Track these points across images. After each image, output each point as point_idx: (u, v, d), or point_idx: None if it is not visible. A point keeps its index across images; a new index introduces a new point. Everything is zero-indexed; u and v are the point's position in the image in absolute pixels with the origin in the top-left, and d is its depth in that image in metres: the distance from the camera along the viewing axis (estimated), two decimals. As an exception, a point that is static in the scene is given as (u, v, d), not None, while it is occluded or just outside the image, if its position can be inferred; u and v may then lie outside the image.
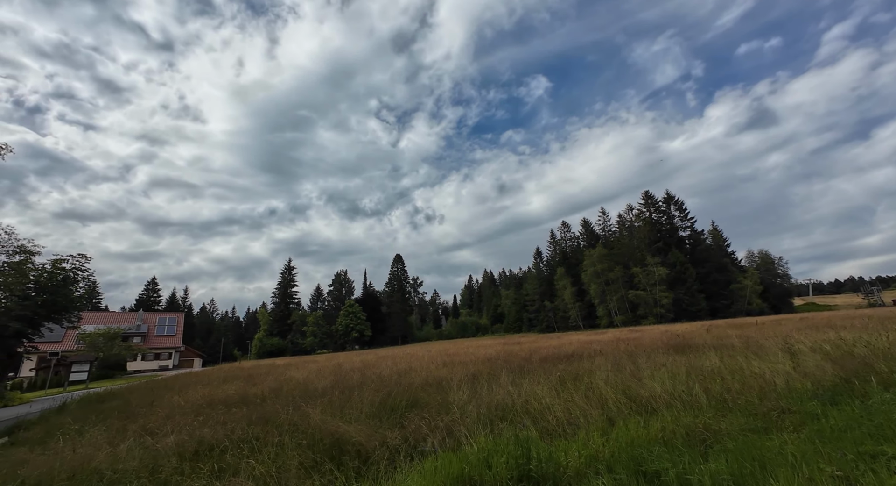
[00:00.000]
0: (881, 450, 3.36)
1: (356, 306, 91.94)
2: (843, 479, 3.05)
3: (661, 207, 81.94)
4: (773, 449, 3.66)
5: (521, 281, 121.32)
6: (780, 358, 8.93)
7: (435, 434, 4.72)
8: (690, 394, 6.18)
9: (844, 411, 4.49)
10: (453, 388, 7.89)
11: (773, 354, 9.61)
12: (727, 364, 8.38)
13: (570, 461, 3.53)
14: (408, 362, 15.56)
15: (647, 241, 77.33)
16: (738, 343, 13.74)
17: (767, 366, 7.75)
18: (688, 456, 3.38)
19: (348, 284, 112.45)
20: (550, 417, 5.31)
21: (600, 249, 79.78)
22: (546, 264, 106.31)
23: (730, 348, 12.38)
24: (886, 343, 9.02)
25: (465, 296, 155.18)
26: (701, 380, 6.97)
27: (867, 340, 10.35)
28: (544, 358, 13.14)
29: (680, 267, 72.58)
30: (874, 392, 5.22)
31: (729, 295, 72.98)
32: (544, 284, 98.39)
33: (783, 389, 6.05)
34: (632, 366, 9.00)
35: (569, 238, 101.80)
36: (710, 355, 10.92)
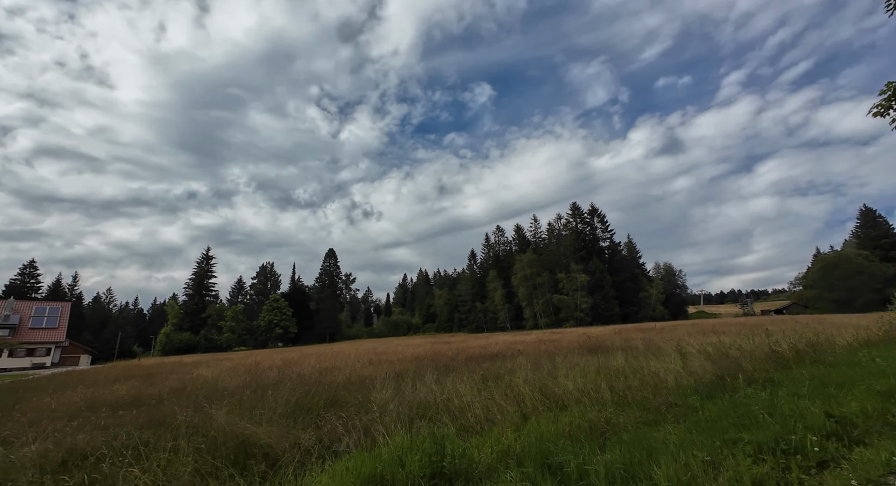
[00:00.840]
0: (741, 437, 3.91)
1: (282, 300, 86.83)
2: (711, 463, 3.49)
3: (586, 218, 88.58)
4: (660, 439, 4.09)
5: (454, 282, 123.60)
6: (673, 359, 10.04)
7: (351, 434, 4.57)
8: (598, 391, 6.70)
9: (717, 404, 5.17)
10: (377, 387, 7.76)
11: (668, 355, 10.79)
12: (630, 364, 9.22)
13: (482, 457, 3.62)
14: (333, 360, 15.02)
15: (572, 249, 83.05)
16: (641, 345, 15.27)
17: (662, 365, 8.65)
18: (588, 448, 3.65)
19: (274, 277, 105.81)
20: (470, 414, 5.43)
21: (530, 254, 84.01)
22: (479, 267, 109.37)
23: (634, 350, 13.70)
24: (752, 346, 10.59)
25: (398, 294, 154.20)
26: (608, 378, 7.59)
27: (739, 343, 12.00)
28: (470, 357, 13.48)
29: (599, 275, 79.01)
30: (740, 388, 6.09)
31: (638, 302, 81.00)
32: (477, 285, 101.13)
33: (673, 385, 6.81)
34: (549, 365, 9.55)
35: (502, 242, 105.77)
36: (618, 355, 11.96)
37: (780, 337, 14.16)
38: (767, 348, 10.25)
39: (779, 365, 8.03)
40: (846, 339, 13.03)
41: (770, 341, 11.99)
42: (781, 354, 9.50)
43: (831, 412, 4.43)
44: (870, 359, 7.78)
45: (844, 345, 11.93)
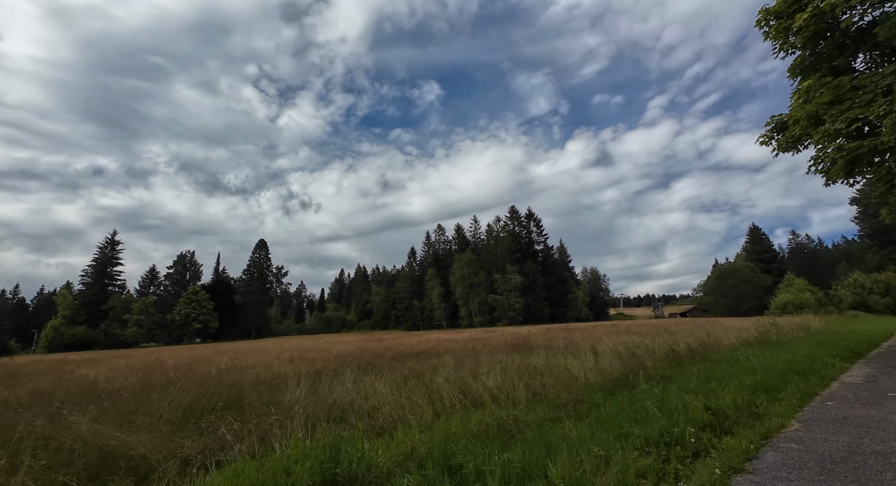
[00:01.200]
0: (632, 431, 4.16)
1: (202, 293, 79.64)
2: (604, 457, 3.65)
3: (524, 222, 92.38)
4: (562, 436, 4.22)
5: (393, 279, 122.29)
6: (587, 357, 10.68)
7: (246, 440, 4.16)
8: (514, 389, 6.85)
9: (617, 400, 5.50)
10: (291, 386, 7.27)
11: (583, 353, 11.46)
12: (549, 362, 9.61)
13: (383, 461, 3.46)
14: (250, 358, 13.96)
15: (508, 251, 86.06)
16: (562, 344, 16.13)
17: (577, 363, 9.11)
18: (490, 448, 3.65)
19: (195, 267, 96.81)
20: (382, 414, 5.24)
21: (469, 254, 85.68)
22: (419, 265, 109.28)
23: (555, 349, 14.41)
24: (656, 345, 11.62)
25: (334, 290, 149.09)
26: (526, 376, 7.82)
27: (646, 343, 13.10)
28: (398, 355, 13.28)
29: (532, 277, 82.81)
30: (640, 384, 6.59)
31: (566, 303, 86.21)
32: (415, 283, 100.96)
33: (583, 383, 7.18)
34: (473, 364, 9.65)
35: (442, 241, 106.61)
36: (540, 354, 12.46)
37: (680, 337, 15.72)
38: (668, 348, 11.28)
39: (675, 363, 8.84)
40: (730, 339, 14.78)
41: (671, 341, 13.24)
42: (678, 352, 10.50)
43: (709, 406, 4.91)
44: (745, 357, 8.87)
45: (729, 345, 13.54)
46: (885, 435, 3.84)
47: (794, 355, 8.51)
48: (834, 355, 8.56)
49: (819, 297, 40.96)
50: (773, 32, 10.40)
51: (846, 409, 4.69)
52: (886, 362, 7.98)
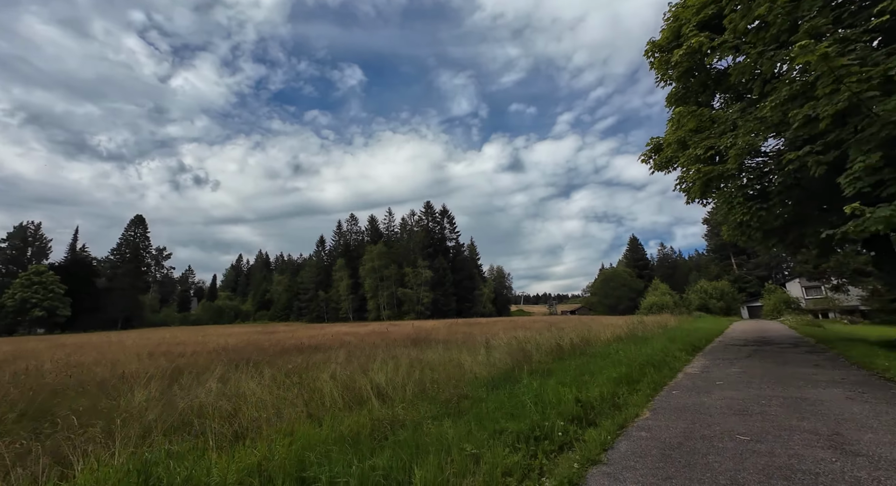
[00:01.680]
0: (507, 427, 4.16)
1: (49, 273, 65.56)
2: (475, 456, 3.55)
3: (438, 218, 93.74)
4: (438, 435, 4.04)
5: (299, 268, 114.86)
6: (482, 352, 10.97)
7: (32, 465, 3.19)
8: (404, 385, 6.60)
9: (499, 395, 5.57)
10: (138, 387, 6.05)
11: (479, 348, 11.77)
12: (445, 357, 9.58)
13: (218, 479, 2.87)
14: (98, 353, 11.60)
15: (421, 245, 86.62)
16: (461, 339, 16.49)
17: (471, 358, 9.23)
18: (355, 454, 3.30)
19: (41, 242, 79.47)
20: (242, 419, 4.55)
21: (381, 246, 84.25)
22: (328, 254, 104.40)
23: (454, 343, 14.64)
24: (544, 340, 12.45)
25: (229, 277, 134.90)
26: (418, 371, 7.64)
27: (536, 338, 13.95)
28: (288, 349, 12.23)
29: (442, 272, 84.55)
30: (523, 378, 6.83)
31: (472, 299, 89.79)
32: (322, 273, 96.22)
33: (471, 377, 7.23)
34: (364, 358, 9.21)
35: (354, 232, 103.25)
36: (438, 348, 12.48)
37: (566, 333, 17.13)
38: (554, 343, 12.14)
39: (558, 357, 9.46)
40: (606, 335, 16.51)
41: (558, 336, 14.31)
42: (563, 347, 11.34)
43: (580, 398, 5.20)
44: (616, 351, 9.89)
45: (605, 340, 15.12)
46: (711, 420, 4.40)
47: (653, 350, 9.71)
48: (681, 350, 9.97)
49: (676, 300, 48.77)
50: (656, 64, 11.75)
51: (686, 397, 5.33)
52: (716, 355, 9.50)
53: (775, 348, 10.51)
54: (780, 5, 6.71)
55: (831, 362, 7.49)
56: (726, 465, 3.18)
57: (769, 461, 3.20)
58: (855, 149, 5.76)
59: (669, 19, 11.18)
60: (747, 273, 65.77)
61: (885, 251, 10.31)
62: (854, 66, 5.47)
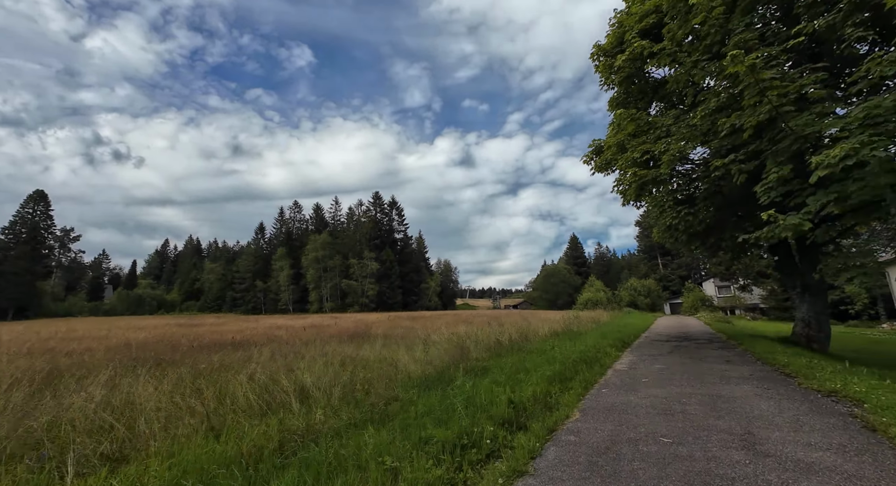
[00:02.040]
0: (433, 435, 3.85)
1: (-83, 254, 55.26)
2: (393, 471, 3.19)
3: (386, 209, 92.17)
4: (357, 446, 3.64)
5: (235, 256, 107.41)
6: (420, 348, 10.68)
7: None
8: (331, 387, 6.09)
9: (431, 397, 5.27)
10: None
11: (418, 344, 11.46)
12: (381, 354, 9.13)
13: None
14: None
15: (368, 236, 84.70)
16: (402, 333, 16.11)
17: (408, 355, 8.88)
18: (246, 479, 2.81)
19: None
20: (111, 435, 3.80)
21: (326, 236, 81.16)
22: (268, 242, 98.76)
23: (394, 338, 14.22)
24: (484, 335, 12.43)
25: (152, 263, 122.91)
26: (350, 371, 7.15)
27: (477, 333, 13.91)
28: (206, 345, 11.06)
29: (389, 264, 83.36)
30: (458, 377, 6.60)
31: (419, 292, 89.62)
32: (261, 262, 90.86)
33: (405, 377, 6.88)
34: (293, 356, 8.52)
35: (298, 220, 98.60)
36: (376, 344, 11.99)
37: (507, 328, 17.35)
38: (494, 339, 12.16)
39: (496, 354, 9.41)
40: (545, 330, 16.96)
41: (499, 331, 14.41)
42: (502, 343, 11.37)
43: (513, 399, 5.04)
44: (551, 347, 10.06)
45: (543, 335, 15.50)
46: (637, 421, 4.42)
47: (586, 346, 10.00)
48: (612, 346, 10.37)
49: (609, 296, 52.08)
50: (601, 67, 12.05)
51: (614, 396, 5.39)
52: (643, 351, 9.99)
53: (693, 344, 11.30)
54: (714, 16, 7.02)
55: (740, 357, 8.11)
56: (650, 472, 3.12)
57: (689, 467, 3.19)
58: (771, 160, 6.18)
59: (614, 25, 11.47)
60: (671, 273, 72.07)
61: (786, 256, 11.46)
62: (776, 80, 5.84)
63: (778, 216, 5.58)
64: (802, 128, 6.18)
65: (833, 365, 6.21)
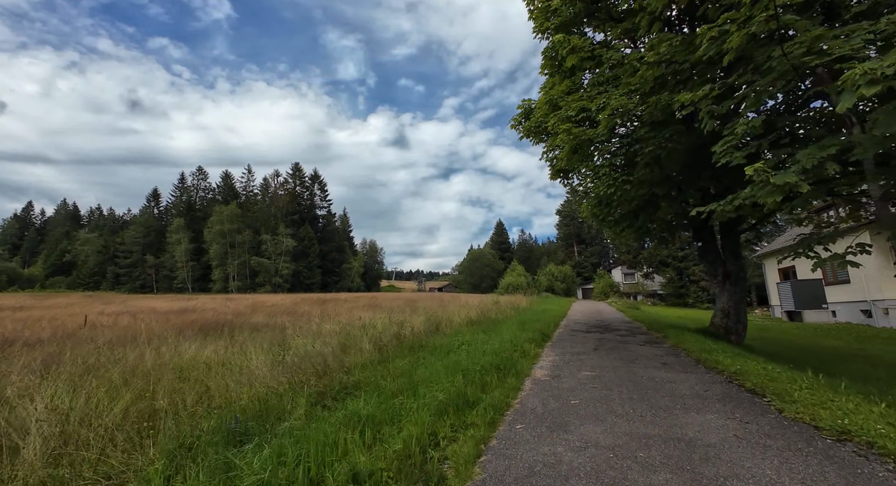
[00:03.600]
0: None
1: None
2: None
3: (307, 183, 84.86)
4: None
5: (124, 225, 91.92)
6: (278, 349, 8.12)
7: None
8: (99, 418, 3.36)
9: (214, 464, 2.79)
10: None
11: (292, 340, 8.81)
12: (208, 358, 6.33)
13: None
14: None
15: (284, 211, 77.35)
16: (293, 320, 13.22)
17: (260, 359, 6.25)
18: None
19: None
20: None
21: (234, 207, 72.32)
22: (163, 212, 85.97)
23: (272, 329, 11.33)
24: (384, 325, 10.14)
25: (9, 230, 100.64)
26: (150, 388, 4.41)
27: (379, 323, 11.56)
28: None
29: (308, 242, 77.20)
30: (298, 408, 4.19)
31: (340, 273, 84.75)
32: (153, 234, 78.82)
33: (220, 404, 4.30)
34: (79, 364, 5.42)
35: (202, 188, 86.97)
36: (236, 338, 9.10)
37: (420, 314, 15.32)
38: (395, 330, 9.94)
39: (385, 356, 7.14)
40: (461, 317, 15.19)
41: (408, 319, 12.26)
42: (402, 337, 9.19)
43: (359, 471, 2.78)
44: (460, 344, 8.08)
45: (457, 324, 13.66)
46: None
47: (502, 341, 8.21)
48: (531, 341, 8.74)
49: (529, 281, 53.19)
50: (535, 13, 10.08)
51: (534, 443, 3.40)
52: (565, 347, 8.47)
53: (616, 337, 10.18)
54: None
55: (676, 358, 6.83)
56: None
57: None
58: (752, 98, 4.59)
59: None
60: (584, 260, 76.55)
61: (709, 242, 10.76)
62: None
63: (767, 173, 4.01)
64: (813, 44, 4.55)
65: (792, 376, 4.96)
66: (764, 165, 4.05)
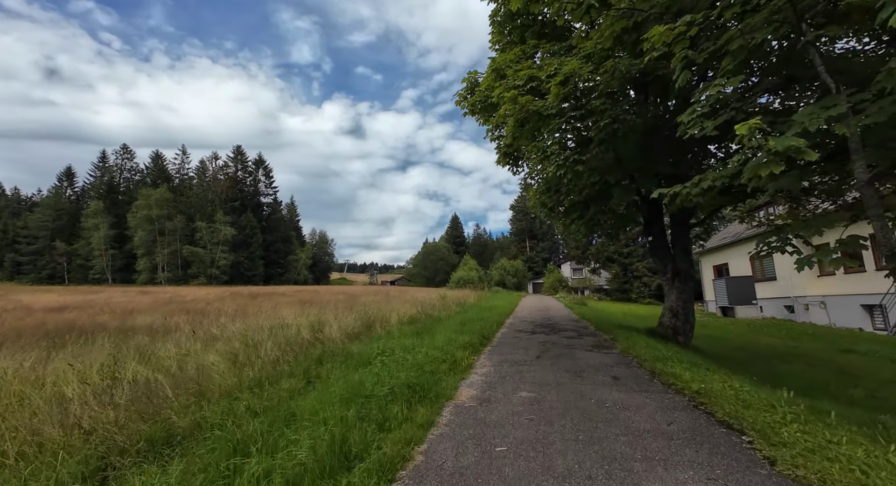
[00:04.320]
0: None
1: None
2: None
3: (250, 168, 79.02)
4: None
5: (31, 206, 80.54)
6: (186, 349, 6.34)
7: None
8: None
9: None
10: None
11: (194, 341, 6.96)
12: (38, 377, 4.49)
13: None
14: None
15: (224, 197, 71.42)
16: (190, 321, 11.13)
17: (83, 391, 4.49)
18: None
19: None
20: None
21: (164, 191, 65.55)
22: (79, 194, 76.41)
23: (160, 333, 9.30)
24: (294, 330, 8.50)
25: None
26: None
27: (301, 323, 9.94)
28: None
29: (250, 231, 71.96)
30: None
31: (286, 264, 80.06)
32: (65, 217, 69.74)
33: None
34: None
35: (128, 169, 78.23)
36: (98, 347, 7.13)
37: (358, 310, 13.70)
38: (311, 337, 8.35)
39: (276, 377, 5.57)
40: (400, 314, 13.73)
41: (337, 319, 10.68)
42: (311, 347, 7.60)
43: None
44: (380, 352, 6.67)
45: (396, 321, 12.24)
46: None
47: (432, 348, 6.92)
48: (467, 346, 7.53)
49: (481, 275, 52.79)
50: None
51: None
52: (504, 354, 7.33)
53: (562, 338, 9.25)
54: None
55: (627, 368, 5.88)
56: None
57: None
58: (737, 41, 3.56)
59: None
60: (536, 255, 77.90)
61: (659, 237, 10.15)
62: None
63: (766, 133, 2.99)
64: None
65: (769, 400, 4.04)
66: (760, 122, 3.01)
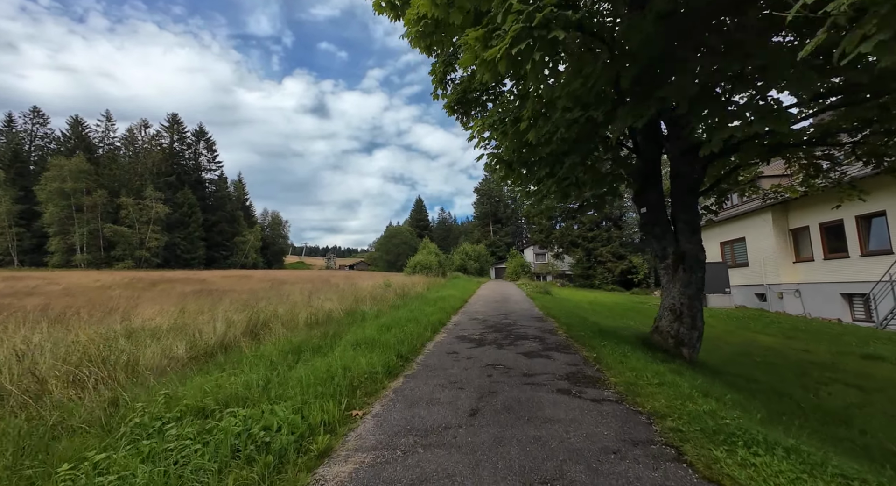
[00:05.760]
0: None
1: None
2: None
3: (189, 140, 70.98)
4: None
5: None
6: None
7: None
8: None
9: None
10: None
11: None
12: None
13: None
14: None
15: (155, 171, 63.50)
16: None
17: None
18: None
19: None
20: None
21: (81, 161, 57.08)
22: (-22, 162, 65.43)
23: None
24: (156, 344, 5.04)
25: None
26: None
27: (165, 326, 6.55)
28: None
29: (188, 209, 64.86)
30: None
31: (231, 247, 73.50)
32: (-43, 190, 59.38)
33: None
34: None
35: (40, 135, 67.90)
36: None
37: (288, 301, 10.58)
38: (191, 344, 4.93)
39: None
40: (330, 307, 10.70)
41: (245, 318, 7.35)
42: (199, 351, 4.20)
43: None
44: (260, 380, 3.43)
45: (303, 320, 9.09)
46: None
47: (283, 395, 3.73)
48: (384, 366, 4.40)
49: (442, 259, 49.87)
50: None
51: None
52: (416, 398, 4.14)
53: (520, 358, 6.28)
54: None
55: (623, 430, 3.01)
56: None
57: None
58: None
59: None
60: (499, 239, 76.03)
61: (656, 208, 7.41)
62: None
63: None
64: None
65: None
66: None
